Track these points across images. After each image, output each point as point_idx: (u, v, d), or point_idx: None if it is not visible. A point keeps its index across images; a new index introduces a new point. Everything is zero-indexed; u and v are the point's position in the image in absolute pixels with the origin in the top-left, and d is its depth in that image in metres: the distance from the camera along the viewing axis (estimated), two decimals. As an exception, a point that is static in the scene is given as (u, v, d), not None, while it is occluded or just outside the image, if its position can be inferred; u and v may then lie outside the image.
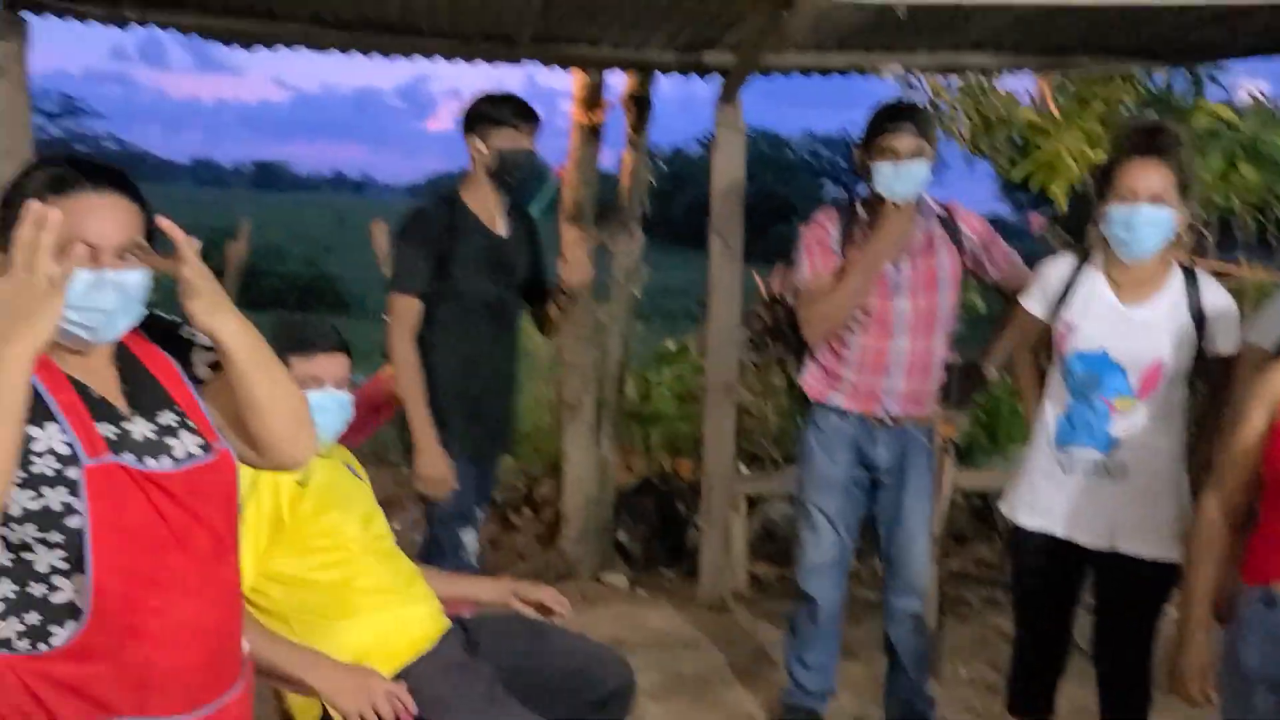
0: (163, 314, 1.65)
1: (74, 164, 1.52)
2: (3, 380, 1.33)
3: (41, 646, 1.47)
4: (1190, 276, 2.61)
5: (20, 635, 1.47)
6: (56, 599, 1.47)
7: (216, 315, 1.52)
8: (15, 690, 1.46)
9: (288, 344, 2.30)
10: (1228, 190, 5.13)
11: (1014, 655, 2.88)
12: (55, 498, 1.44)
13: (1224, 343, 2.58)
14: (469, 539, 3.21)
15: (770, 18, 3.17)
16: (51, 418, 1.47)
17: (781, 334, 3.31)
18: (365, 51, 4.29)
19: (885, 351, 3.04)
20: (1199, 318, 2.57)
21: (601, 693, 2.49)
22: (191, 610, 1.54)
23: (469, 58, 4.36)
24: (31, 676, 1.46)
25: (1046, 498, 2.68)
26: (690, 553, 4.86)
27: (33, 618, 1.47)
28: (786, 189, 33.06)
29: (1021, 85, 5.93)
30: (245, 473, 1.73)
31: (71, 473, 1.45)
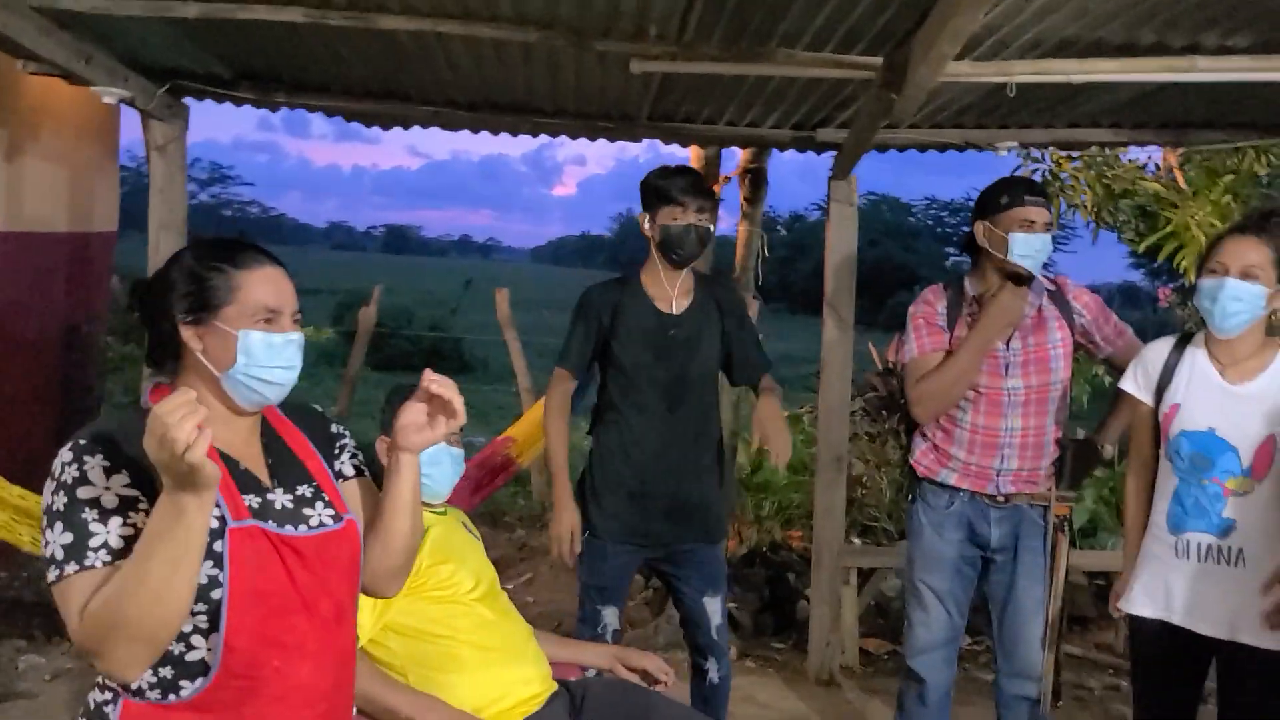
0: (315, 405, 1.84)
1: (247, 243, 1.70)
2: (193, 522, 1.43)
3: (171, 697, 1.57)
4: None
5: (151, 686, 1.58)
6: (191, 657, 1.58)
7: (419, 447, 1.72)
8: None
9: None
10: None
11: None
12: (204, 572, 1.54)
13: None
14: (609, 616, 3.18)
15: (880, 99, 3.23)
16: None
17: (896, 405, 3.30)
18: (493, 131, 4.52)
19: (997, 430, 3.02)
20: None
21: None
22: (309, 672, 1.63)
23: (591, 135, 4.54)
24: None
25: (1162, 585, 2.61)
26: (799, 625, 4.83)
27: (166, 671, 1.57)
28: (908, 255, 32.72)
29: (1146, 155, 5.85)
30: None
31: (218, 545, 1.57)
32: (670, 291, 3.17)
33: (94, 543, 1.49)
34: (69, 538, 1.49)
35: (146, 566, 1.43)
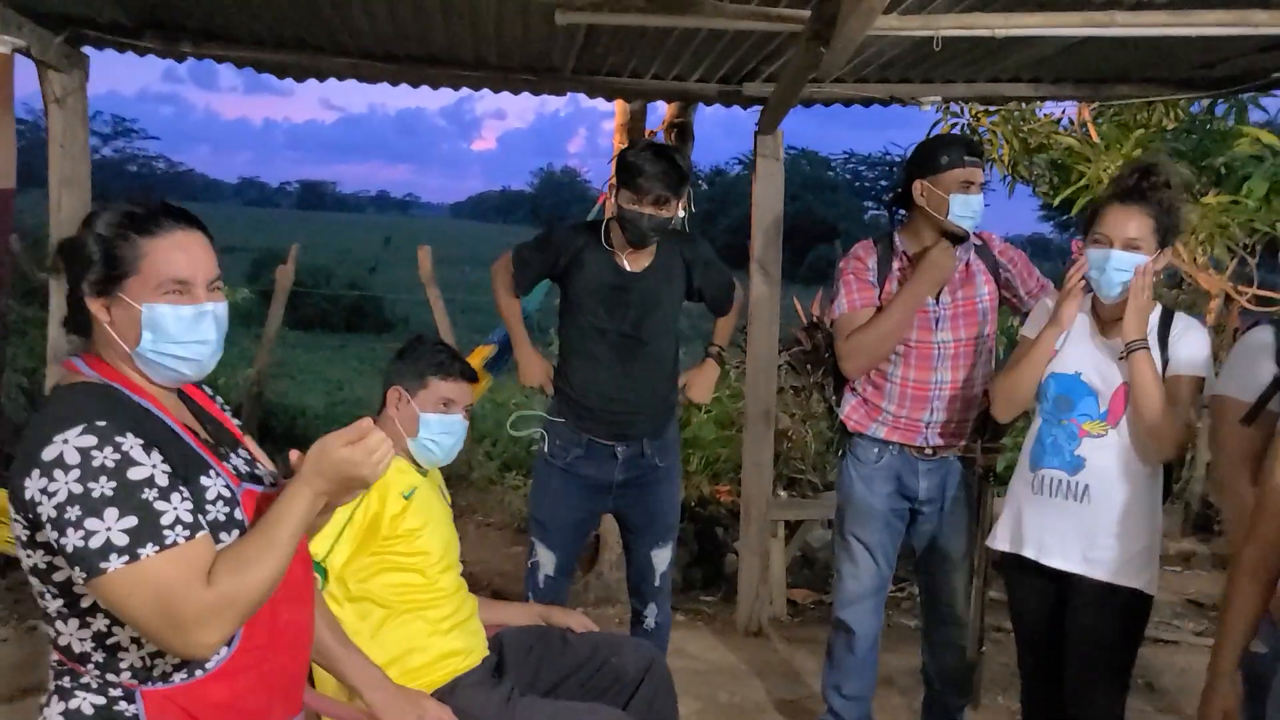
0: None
1: (158, 207, 1.59)
2: (314, 508, 1.56)
3: (199, 673, 1.54)
4: (1167, 315, 2.65)
5: (176, 668, 1.53)
6: None
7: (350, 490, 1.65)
8: (178, 719, 1.53)
9: (431, 366, 2.50)
10: (1272, 216, 5.08)
11: (1021, 678, 2.89)
12: (229, 540, 1.53)
13: (1187, 369, 2.58)
14: (544, 557, 3.24)
15: (808, 53, 3.21)
16: (209, 466, 1.56)
17: (821, 359, 3.34)
18: (413, 84, 4.40)
19: (927, 384, 3.06)
20: (1168, 351, 2.59)
21: (628, 678, 2.55)
22: (304, 617, 1.69)
23: (514, 89, 4.45)
24: (191, 703, 1.53)
25: (1018, 521, 2.72)
26: (729, 578, 4.89)
27: None
28: (828, 209, 33.00)
29: (1061, 109, 5.94)
30: None
31: (237, 514, 1.56)
32: (632, 254, 3.19)
33: (166, 520, 1.44)
34: (132, 521, 1.42)
35: (277, 538, 1.51)
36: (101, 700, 1.51)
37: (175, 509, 1.46)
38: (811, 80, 3.89)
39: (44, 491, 1.42)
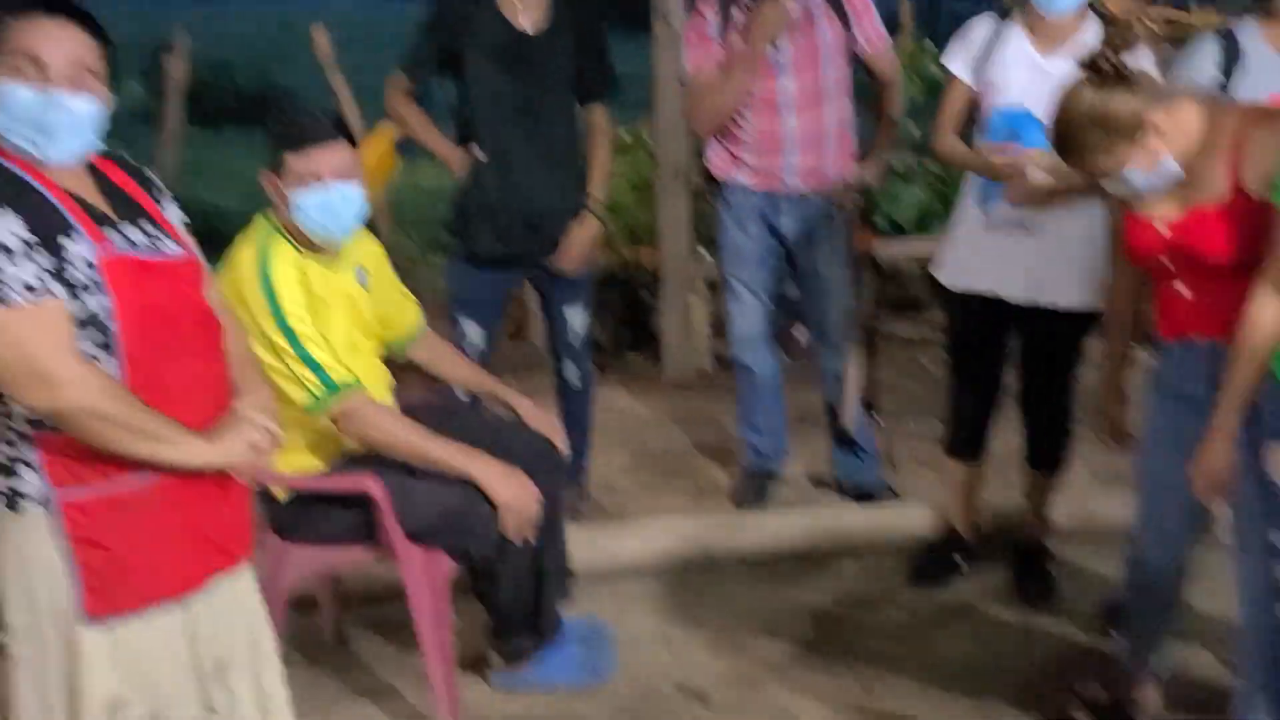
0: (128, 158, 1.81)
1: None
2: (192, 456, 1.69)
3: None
4: (1109, 22, 2.64)
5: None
6: None
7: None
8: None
9: (282, 142, 2.36)
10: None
11: (950, 404, 3.09)
12: (95, 303, 1.60)
13: None
14: (471, 330, 3.26)
15: None
16: (71, 227, 1.61)
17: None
18: None
19: (778, 131, 3.12)
20: None
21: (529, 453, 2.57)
22: (202, 368, 1.76)
23: None
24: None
25: (972, 257, 2.81)
26: (657, 338, 5.04)
27: None
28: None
29: None
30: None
31: (98, 277, 1.61)
32: (522, 6, 3.07)
33: (7, 277, 1.53)
34: None
35: (165, 436, 1.65)
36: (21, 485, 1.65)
37: (17, 270, 1.55)
38: None
39: None
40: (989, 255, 2.77)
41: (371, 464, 2.43)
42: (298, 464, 2.46)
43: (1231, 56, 2.44)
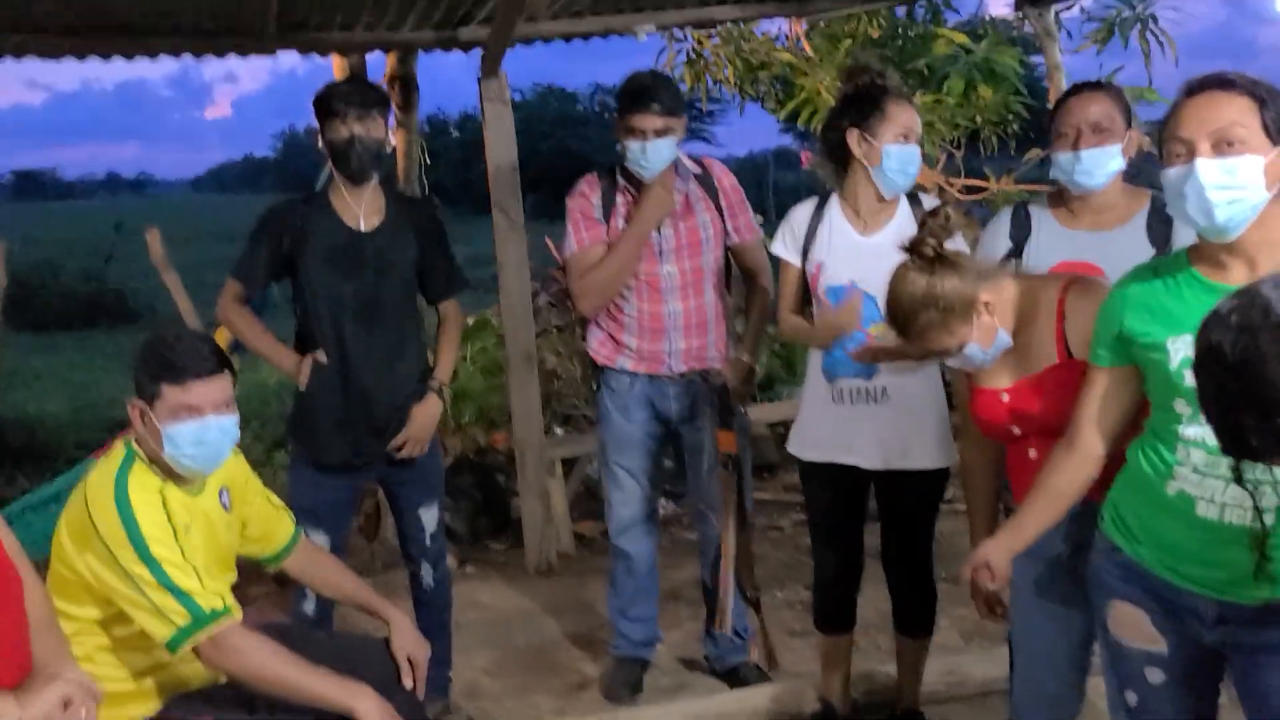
0: None
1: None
2: None
3: None
4: (914, 199, 2.82)
5: None
6: None
7: None
8: None
9: (158, 370, 2.19)
10: (971, 110, 5.49)
11: (815, 575, 3.08)
12: None
13: None
14: (318, 539, 3.00)
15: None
16: None
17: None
18: (104, 55, 4.09)
19: (660, 315, 3.17)
20: None
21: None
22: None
23: (218, 52, 4.21)
24: None
25: (825, 430, 2.86)
26: (515, 523, 4.92)
27: None
28: (581, 144, 33.03)
29: (777, 27, 6.18)
30: None
31: None
32: (358, 209, 3.03)
33: None
34: None
35: None
36: None
37: None
38: (527, 20, 3.88)
39: None
40: (841, 427, 2.83)
41: (208, 701, 2.24)
42: (127, 716, 2.24)
43: (1023, 229, 2.61)
